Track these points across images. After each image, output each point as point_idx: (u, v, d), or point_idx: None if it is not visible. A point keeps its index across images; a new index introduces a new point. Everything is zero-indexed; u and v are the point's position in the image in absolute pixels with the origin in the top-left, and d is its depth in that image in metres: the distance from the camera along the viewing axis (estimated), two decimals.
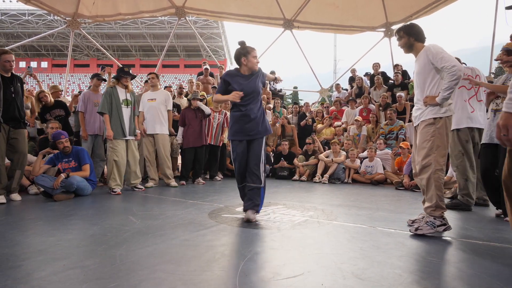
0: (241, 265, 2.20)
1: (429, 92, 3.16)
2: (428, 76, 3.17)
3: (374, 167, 7.28)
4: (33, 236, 2.89)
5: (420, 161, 3.09)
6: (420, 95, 3.25)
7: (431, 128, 3.07)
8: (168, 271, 2.11)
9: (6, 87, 4.51)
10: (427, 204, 3.07)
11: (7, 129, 4.52)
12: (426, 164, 3.05)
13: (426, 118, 3.11)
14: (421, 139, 3.12)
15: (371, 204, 4.64)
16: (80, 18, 11.55)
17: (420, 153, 3.11)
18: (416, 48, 3.28)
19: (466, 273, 2.13)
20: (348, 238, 2.89)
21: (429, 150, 3.04)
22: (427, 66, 3.15)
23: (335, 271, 2.10)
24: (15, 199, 4.67)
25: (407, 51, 3.36)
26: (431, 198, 3.03)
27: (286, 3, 11.88)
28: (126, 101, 5.62)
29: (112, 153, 5.46)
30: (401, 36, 3.31)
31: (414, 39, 3.26)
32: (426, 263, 2.31)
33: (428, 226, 2.98)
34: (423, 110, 3.16)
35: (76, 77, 51.23)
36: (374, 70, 10.82)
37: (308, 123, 9.34)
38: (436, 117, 3.06)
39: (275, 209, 4.14)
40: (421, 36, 3.27)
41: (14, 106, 4.55)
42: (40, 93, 6.36)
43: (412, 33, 3.25)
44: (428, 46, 3.17)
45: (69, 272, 2.07)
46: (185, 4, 12.06)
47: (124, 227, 3.18)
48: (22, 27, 46.35)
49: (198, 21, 42.71)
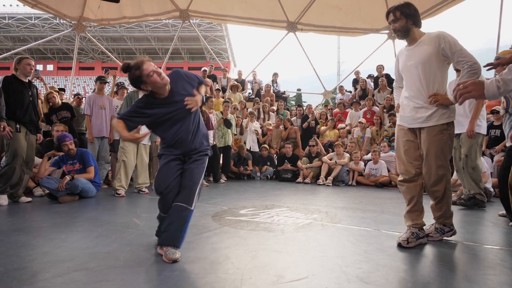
0: (245, 268, 2.19)
1: (436, 89, 2.71)
2: (436, 69, 2.70)
3: (379, 169, 7.25)
4: (38, 238, 2.91)
5: (435, 171, 2.75)
6: (423, 90, 2.76)
7: (445, 135, 2.72)
8: (172, 273, 2.10)
9: (24, 91, 4.71)
10: (439, 213, 2.87)
11: (24, 131, 4.70)
12: (442, 174, 2.75)
13: (439, 123, 2.71)
14: (435, 147, 2.72)
15: (376, 207, 4.62)
16: (85, 21, 11.66)
17: (434, 162, 2.74)
18: (413, 33, 2.81)
19: (473, 277, 2.11)
20: (353, 241, 2.87)
21: (445, 160, 2.76)
22: (437, 57, 2.68)
23: (340, 275, 2.09)
24: (25, 201, 4.73)
25: (403, 36, 2.85)
26: (442, 207, 2.85)
27: (290, 6, 11.89)
28: None
29: (122, 153, 5.49)
30: (398, 17, 2.78)
31: (412, 23, 2.78)
32: (432, 267, 2.30)
33: (438, 233, 2.91)
34: (432, 112, 2.71)
35: (81, 79, 51.57)
36: (378, 72, 10.79)
37: (311, 125, 9.32)
38: (449, 122, 2.72)
39: (279, 212, 4.12)
40: (419, 19, 2.81)
41: (32, 109, 4.77)
42: (49, 94, 6.44)
43: (411, 15, 2.77)
44: (441, 32, 2.69)
45: (74, 274, 2.08)
46: (189, 7, 12.13)
47: (128, 229, 3.18)
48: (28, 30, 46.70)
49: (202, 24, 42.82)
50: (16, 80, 4.68)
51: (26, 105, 4.68)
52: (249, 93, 12.24)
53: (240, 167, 8.14)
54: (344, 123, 9.56)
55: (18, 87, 4.65)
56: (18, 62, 4.72)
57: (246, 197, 5.38)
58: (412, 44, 2.83)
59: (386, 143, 7.73)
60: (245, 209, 4.26)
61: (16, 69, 4.72)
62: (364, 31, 12.52)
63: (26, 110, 4.68)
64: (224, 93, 10.90)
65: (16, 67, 4.72)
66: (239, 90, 10.74)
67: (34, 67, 4.88)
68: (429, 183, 2.80)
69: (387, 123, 8.59)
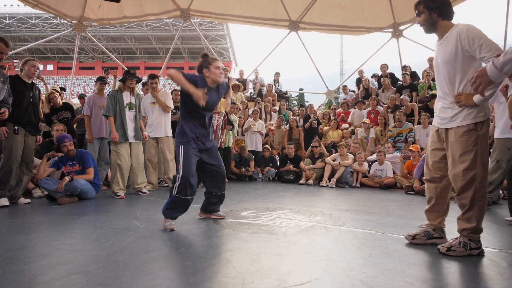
0: (247, 272, 2.15)
1: (462, 88, 2.55)
2: (461, 67, 2.54)
3: (384, 170, 7.17)
4: (37, 240, 2.87)
5: (461, 176, 2.53)
6: (449, 90, 2.63)
7: (472, 135, 2.51)
8: (172, 277, 2.08)
9: (26, 92, 4.73)
10: (465, 226, 2.57)
11: (23, 132, 4.68)
12: (470, 179, 2.51)
13: (465, 124, 2.53)
14: (461, 149, 2.54)
15: (381, 209, 4.55)
16: (86, 21, 11.68)
17: (460, 166, 2.54)
18: (440, 27, 2.64)
19: (479, 281, 2.07)
20: (357, 244, 2.83)
21: (473, 163, 2.50)
22: (459, 53, 2.51)
23: (344, 279, 2.05)
24: (24, 202, 4.71)
25: (428, 30, 2.71)
26: (470, 219, 2.55)
27: (292, 5, 11.86)
28: (129, 104, 5.60)
29: (116, 157, 5.44)
30: (421, 11, 2.67)
31: (438, 15, 2.62)
32: (438, 271, 2.25)
33: (462, 248, 2.55)
34: (457, 112, 2.57)
35: (81, 79, 51.65)
36: (382, 71, 10.74)
37: (313, 125, 9.26)
38: (477, 122, 2.51)
39: (281, 214, 4.07)
40: (447, 11, 2.62)
41: (31, 111, 4.77)
42: (50, 94, 6.42)
43: (434, 7, 2.61)
44: (461, 27, 2.51)
45: (72, 277, 2.05)
46: (190, 7, 12.12)
47: (128, 232, 3.14)
48: (29, 30, 46.81)
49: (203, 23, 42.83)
50: (19, 80, 4.70)
51: (25, 106, 4.68)
52: (251, 93, 12.20)
53: (241, 168, 8.08)
54: (347, 123, 9.50)
55: (20, 87, 4.66)
56: (24, 63, 4.76)
57: (248, 199, 5.33)
58: (440, 39, 2.68)
59: (390, 143, 7.66)
60: (247, 211, 4.21)
61: (21, 69, 4.75)
62: (368, 29, 12.49)
63: (25, 111, 4.67)
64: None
65: (21, 67, 4.75)
66: (240, 89, 10.69)
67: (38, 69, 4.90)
68: (456, 189, 2.60)
69: (391, 123, 8.54)
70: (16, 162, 4.56)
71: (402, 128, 7.99)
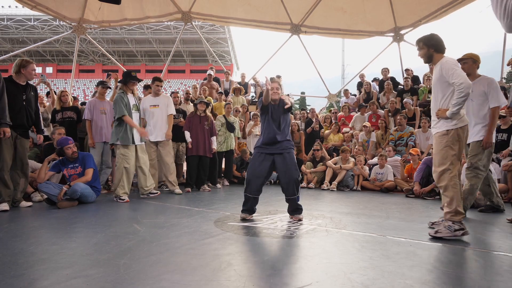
0: (248, 275, 2.15)
1: (441, 104, 3.33)
2: (441, 89, 3.33)
3: (385, 174, 7.16)
4: (36, 244, 2.86)
5: (436, 169, 3.32)
6: (434, 106, 3.43)
7: (444, 139, 3.28)
8: (173, 280, 2.06)
9: (18, 94, 4.62)
10: (447, 209, 3.19)
11: (14, 135, 4.57)
12: (441, 171, 3.24)
13: (440, 130, 3.32)
14: (436, 148, 3.35)
15: (381, 212, 4.55)
16: (85, 23, 11.58)
17: (435, 161, 3.34)
18: (435, 58, 3.40)
19: (480, 283, 2.06)
20: (358, 247, 2.82)
21: (444, 159, 3.25)
22: (441, 79, 3.30)
23: (345, 281, 2.05)
24: (25, 205, 4.70)
25: (427, 61, 3.48)
26: (450, 204, 3.17)
27: (293, 8, 11.84)
28: (136, 106, 5.60)
29: (123, 160, 5.36)
30: (421, 47, 3.45)
31: (434, 50, 3.38)
32: (438, 273, 2.24)
33: (446, 230, 3.10)
34: (437, 122, 3.37)
35: (81, 82, 51.52)
36: (383, 75, 10.73)
37: (316, 129, 9.24)
38: (448, 129, 3.26)
39: (282, 217, 4.07)
40: (440, 46, 3.38)
41: (23, 113, 4.66)
42: (62, 92, 6.60)
43: (431, 44, 3.38)
44: (442, 60, 3.30)
45: (73, 281, 2.04)
46: (192, 9, 12.07)
47: (128, 235, 3.13)
48: (27, 32, 46.69)
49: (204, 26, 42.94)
50: (12, 83, 4.60)
51: (18, 108, 4.58)
52: (252, 96, 12.18)
53: (243, 171, 8.06)
54: (348, 127, 9.48)
55: (13, 90, 4.55)
56: (24, 66, 4.66)
57: None
58: (434, 65, 3.46)
59: (391, 147, 7.65)
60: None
61: (19, 71, 4.65)
62: (369, 33, 12.48)
63: (17, 113, 4.57)
64: (227, 96, 10.85)
65: (20, 70, 4.65)
66: (242, 93, 10.69)
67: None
68: (435, 180, 3.36)
69: (392, 127, 8.53)
70: (6, 166, 4.45)
71: (403, 132, 7.99)
